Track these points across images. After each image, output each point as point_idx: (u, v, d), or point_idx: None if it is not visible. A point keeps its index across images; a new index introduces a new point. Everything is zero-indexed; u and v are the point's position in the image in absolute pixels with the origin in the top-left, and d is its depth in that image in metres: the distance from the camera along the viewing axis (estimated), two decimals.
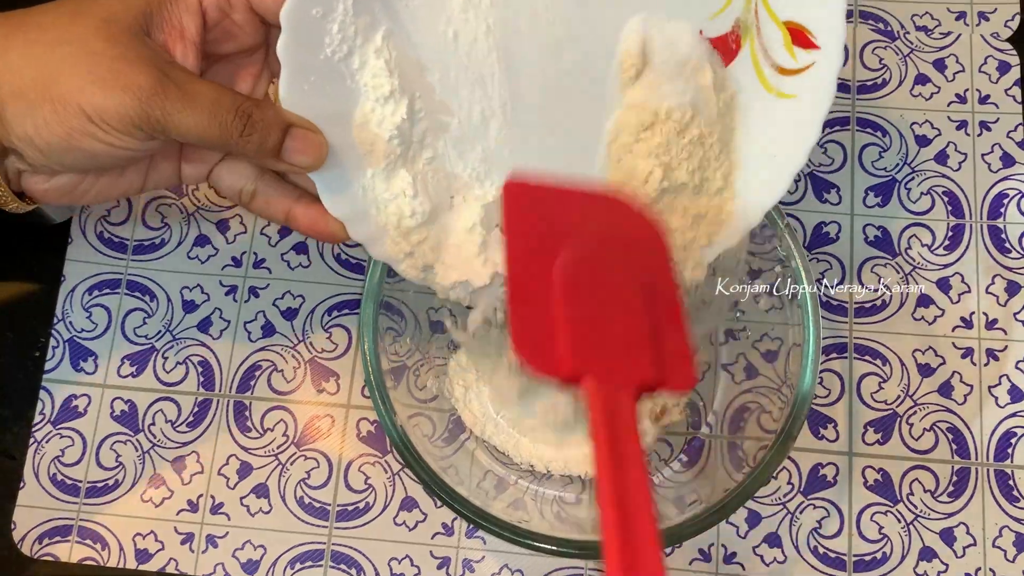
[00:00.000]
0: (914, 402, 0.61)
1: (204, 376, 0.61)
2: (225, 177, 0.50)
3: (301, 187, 0.50)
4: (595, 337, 0.43)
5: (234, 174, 0.50)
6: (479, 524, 0.50)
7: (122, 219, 0.64)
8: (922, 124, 0.66)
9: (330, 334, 0.62)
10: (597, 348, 0.43)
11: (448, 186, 0.50)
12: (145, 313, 0.62)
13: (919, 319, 0.62)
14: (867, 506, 0.59)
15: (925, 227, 0.64)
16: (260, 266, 0.63)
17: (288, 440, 0.60)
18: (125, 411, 0.60)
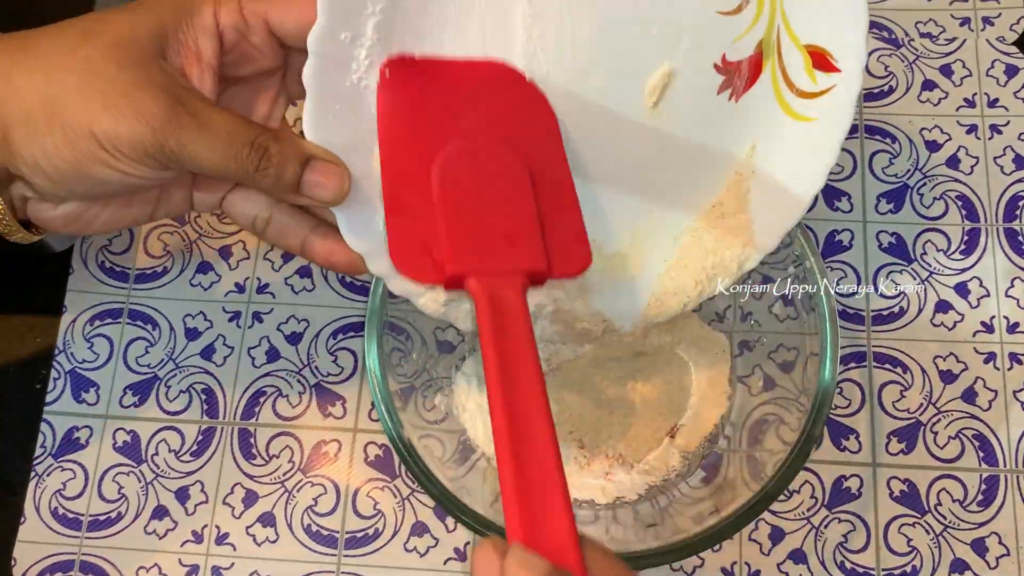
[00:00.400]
0: (937, 410, 0.59)
1: (208, 404, 0.60)
2: (238, 204, 0.48)
3: (318, 216, 0.48)
4: (476, 233, 0.42)
5: (248, 202, 0.48)
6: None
7: (124, 248, 0.63)
8: (931, 129, 0.65)
9: (335, 357, 0.61)
10: (479, 245, 0.41)
11: None
12: (147, 342, 0.61)
13: (939, 325, 0.61)
14: (894, 518, 0.57)
15: (940, 232, 0.63)
16: (264, 291, 0.62)
17: (294, 467, 0.59)
18: (127, 442, 0.59)
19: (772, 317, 0.59)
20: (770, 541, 0.56)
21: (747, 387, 0.59)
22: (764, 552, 0.56)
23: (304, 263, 0.63)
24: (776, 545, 0.56)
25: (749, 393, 0.58)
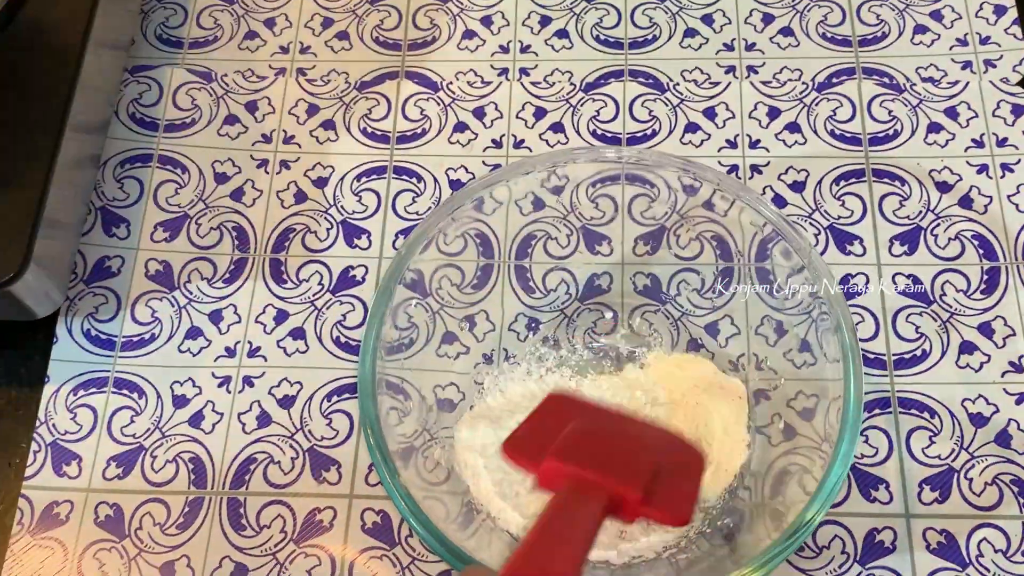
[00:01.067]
0: (971, 455, 0.55)
1: (195, 473, 0.56)
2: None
3: None
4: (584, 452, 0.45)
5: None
6: None
7: (110, 315, 0.61)
8: (941, 171, 0.63)
9: (330, 420, 0.58)
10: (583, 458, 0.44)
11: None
12: (133, 411, 0.58)
13: (964, 367, 0.58)
14: (933, 572, 0.52)
15: (958, 272, 0.60)
16: (255, 355, 0.60)
17: (286, 537, 0.55)
18: (110, 516, 0.56)
19: (788, 364, 0.56)
20: None
21: (767, 437, 0.55)
22: None
23: (297, 324, 0.60)
24: None
25: (769, 443, 0.55)
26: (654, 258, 0.61)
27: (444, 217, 0.56)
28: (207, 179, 0.65)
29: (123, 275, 0.62)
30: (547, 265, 0.61)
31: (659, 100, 0.67)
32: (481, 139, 0.66)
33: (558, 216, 0.61)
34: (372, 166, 0.65)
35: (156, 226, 0.63)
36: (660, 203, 0.60)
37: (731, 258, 0.59)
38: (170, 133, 0.67)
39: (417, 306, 0.57)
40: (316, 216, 0.64)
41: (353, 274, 0.62)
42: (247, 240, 0.63)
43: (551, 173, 0.60)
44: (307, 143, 0.66)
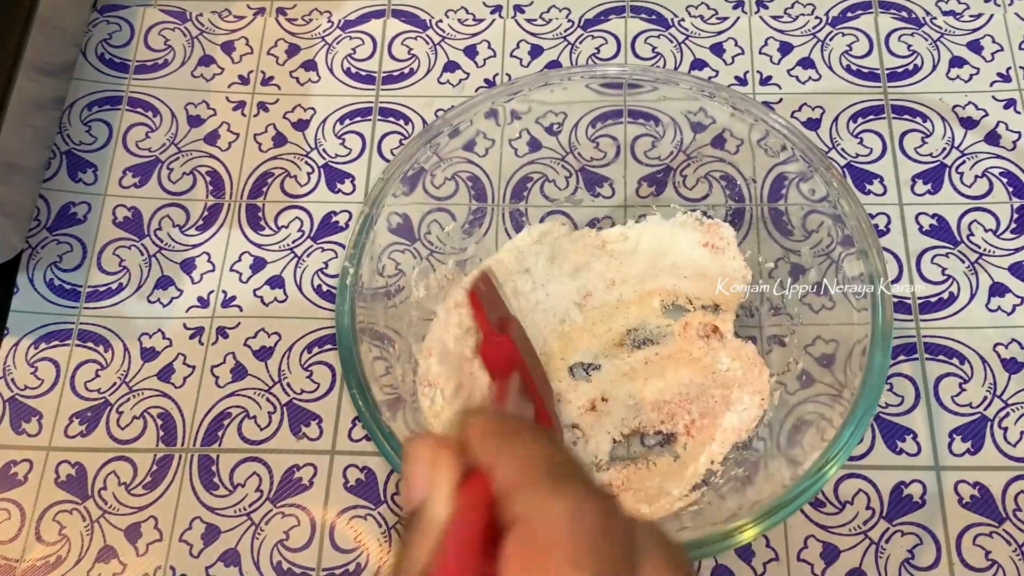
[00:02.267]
0: (1004, 403, 0.51)
1: (164, 430, 0.52)
2: None
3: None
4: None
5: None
6: None
7: (75, 264, 0.57)
8: (965, 106, 0.59)
9: (310, 373, 0.53)
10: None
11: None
12: (98, 365, 0.54)
13: (995, 310, 0.53)
14: (967, 528, 0.48)
15: (986, 211, 0.56)
16: (229, 304, 0.55)
17: (262, 496, 0.50)
18: (72, 475, 0.51)
19: (805, 307, 0.52)
20: (823, 561, 0.48)
21: (783, 386, 0.51)
22: (816, 574, 0.47)
23: (276, 272, 0.56)
24: (830, 565, 0.47)
25: (786, 392, 0.51)
26: (659, 200, 0.56)
27: (422, 146, 0.52)
28: (180, 122, 0.61)
29: (89, 222, 0.58)
30: (544, 208, 0.57)
31: (663, 36, 0.62)
32: (473, 79, 0.62)
33: (556, 157, 0.57)
34: (356, 107, 0.61)
35: (125, 171, 0.59)
36: (665, 142, 0.56)
37: (742, 199, 0.55)
38: (141, 75, 0.62)
39: (405, 252, 0.53)
40: (296, 160, 0.59)
41: (336, 220, 0.58)
42: (222, 185, 0.59)
43: (548, 110, 0.56)
44: (287, 84, 0.62)
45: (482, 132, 0.55)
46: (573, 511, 0.26)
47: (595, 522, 0.26)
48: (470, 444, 0.29)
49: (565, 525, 0.26)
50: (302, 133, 0.60)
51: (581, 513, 0.26)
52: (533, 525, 0.26)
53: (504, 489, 0.27)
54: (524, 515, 0.26)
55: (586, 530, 0.26)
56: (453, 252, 0.55)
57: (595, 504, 0.27)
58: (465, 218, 0.55)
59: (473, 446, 0.29)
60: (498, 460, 0.28)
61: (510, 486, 0.27)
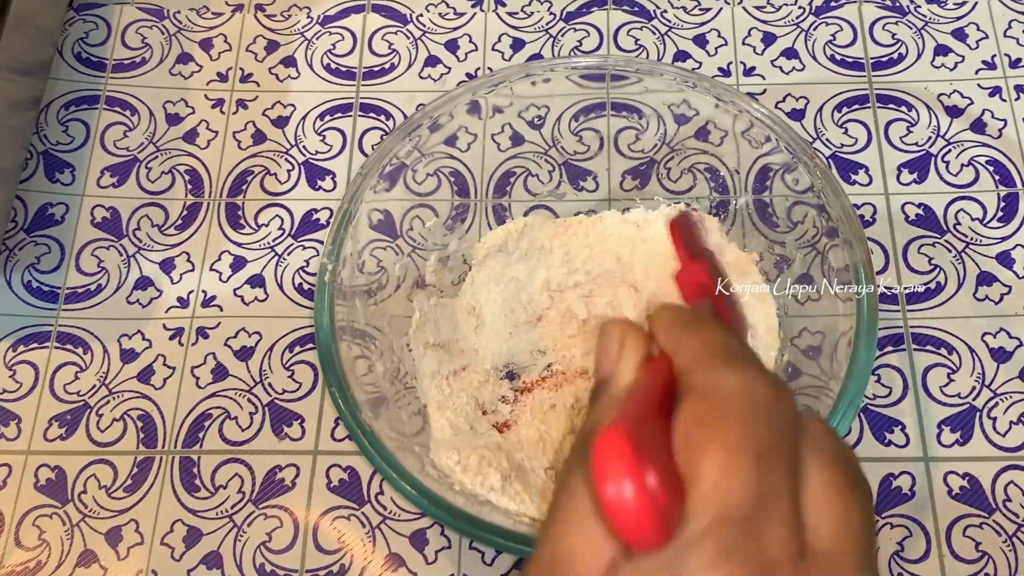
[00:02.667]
0: (993, 392, 0.50)
1: (145, 432, 0.51)
2: None
3: None
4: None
5: None
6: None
7: (53, 266, 0.56)
8: (950, 95, 0.59)
9: (292, 372, 0.53)
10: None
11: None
12: (77, 367, 0.53)
13: (983, 299, 0.53)
14: (957, 519, 0.47)
15: (973, 200, 0.55)
16: (210, 304, 0.55)
17: (244, 497, 0.50)
18: (51, 479, 0.50)
19: (790, 299, 0.51)
20: None
21: None
22: None
23: (256, 271, 0.55)
24: None
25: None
26: (643, 193, 0.56)
27: (401, 140, 0.51)
28: (158, 121, 0.60)
29: (67, 223, 0.57)
30: (528, 203, 0.56)
31: (646, 28, 0.62)
32: (454, 73, 0.61)
33: (539, 151, 0.56)
34: (336, 104, 0.60)
35: (103, 171, 0.59)
36: (649, 134, 0.56)
37: (727, 191, 0.54)
38: (118, 73, 0.62)
39: (387, 249, 0.52)
40: (276, 157, 0.59)
41: (316, 217, 0.57)
42: (201, 184, 0.58)
43: (530, 104, 0.56)
44: (266, 81, 0.61)
45: (464, 127, 0.54)
46: (745, 385, 0.28)
47: (765, 398, 0.28)
48: (657, 329, 0.32)
49: (737, 395, 0.28)
50: (282, 130, 0.59)
51: (752, 388, 0.28)
52: (708, 392, 0.28)
53: (684, 366, 0.30)
54: (701, 385, 0.29)
55: (756, 403, 0.28)
56: (435, 248, 0.54)
57: (767, 384, 0.29)
58: (448, 214, 0.55)
59: (659, 332, 0.32)
60: (680, 342, 0.31)
61: (690, 363, 0.30)
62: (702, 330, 0.32)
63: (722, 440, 0.27)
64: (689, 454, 0.27)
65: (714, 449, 0.27)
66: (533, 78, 0.52)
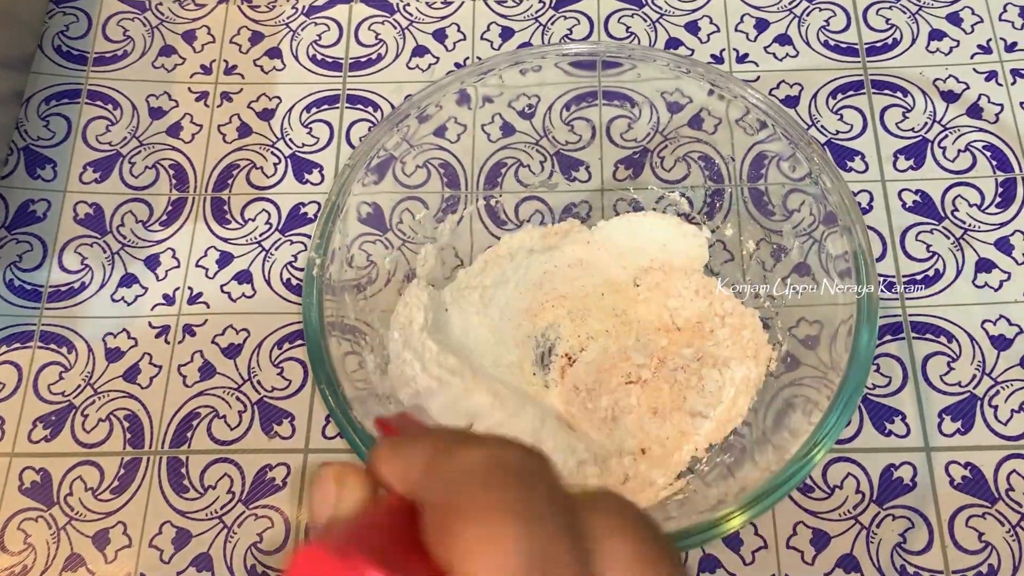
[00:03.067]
0: (994, 380, 0.50)
1: (132, 432, 0.50)
2: None
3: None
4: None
5: None
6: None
7: (35, 264, 0.55)
8: (946, 80, 0.58)
9: (281, 370, 0.52)
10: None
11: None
12: (61, 367, 0.52)
13: (982, 286, 0.52)
14: (959, 510, 0.47)
15: (970, 186, 0.55)
16: (196, 302, 0.54)
17: (234, 497, 0.49)
18: (36, 482, 0.49)
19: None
20: (813, 548, 0.46)
21: (767, 368, 0.50)
22: (807, 561, 0.46)
23: (243, 267, 0.54)
24: (821, 552, 0.46)
25: (770, 375, 0.49)
26: (637, 183, 0.55)
27: (389, 131, 0.50)
28: (141, 115, 0.59)
29: (49, 220, 0.56)
30: (519, 194, 0.55)
31: (637, 16, 0.61)
32: (443, 63, 0.60)
33: (530, 141, 0.55)
34: (323, 95, 0.59)
35: (85, 166, 0.57)
36: (642, 123, 0.55)
37: (721, 179, 0.54)
38: (100, 67, 0.60)
39: (377, 243, 0.51)
40: (262, 151, 0.58)
41: (304, 211, 0.56)
42: (186, 178, 0.57)
43: (520, 93, 0.55)
44: (251, 73, 0.60)
45: (453, 117, 0.53)
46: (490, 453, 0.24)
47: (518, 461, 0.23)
48: (375, 464, 0.27)
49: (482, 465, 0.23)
50: (268, 123, 0.58)
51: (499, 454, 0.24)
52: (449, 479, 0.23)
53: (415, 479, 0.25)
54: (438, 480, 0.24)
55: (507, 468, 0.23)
56: (426, 240, 0.53)
57: (518, 449, 0.24)
58: (438, 206, 0.54)
59: (381, 463, 0.27)
60: (403, 464, 0.26)
61: (423, 471, 0.25)
62: (423, 436, 0.27)
63: (476, 515, 0.22)
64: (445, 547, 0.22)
65: (467, 527, 0.22)
66: (523, 66, 0.51)
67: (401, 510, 0.24)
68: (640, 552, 0.23)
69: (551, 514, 0.22)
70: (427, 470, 0.24)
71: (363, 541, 0.23)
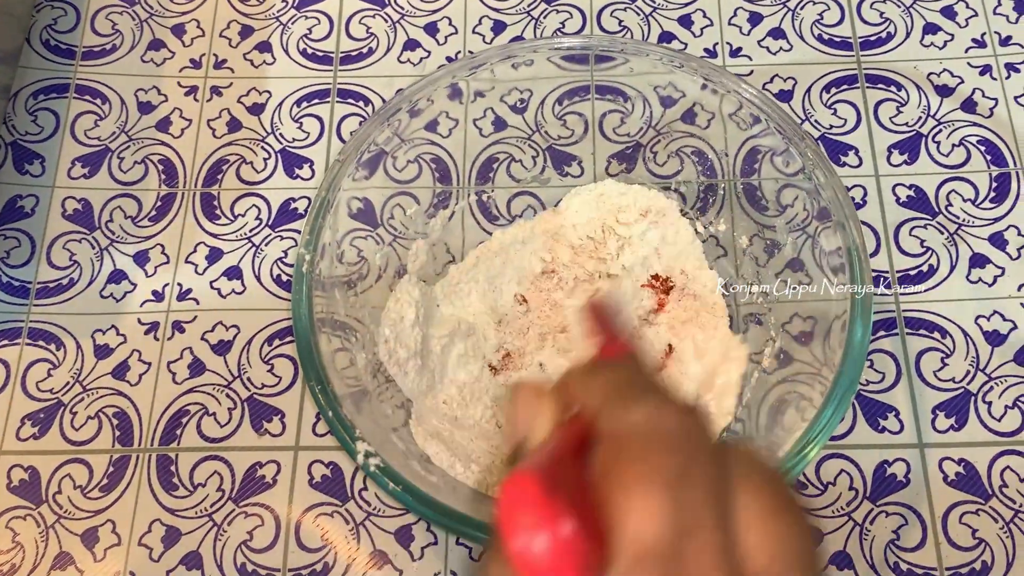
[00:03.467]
0: (988, 376, 0.49)
1: (121, 430, 0.50)
2: None
3: None
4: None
5: None
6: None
7: (23, 260, 0.54)
8: (940, 74, 0.58)
9: (271, 366, 0.51)
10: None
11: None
12: (50, 364, 0.52)
13: (976, 281, 0.52)
14: (952, 506, 0.47)
15: (965, 180, 0.54)
16: (185, 298, 0.53)
17: (224, 495, 0.48)
18: (25, 480, 0.49)
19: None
20: None
21: (759, 366, 0.49)
22: None
23: (233, 263, 0.54)
24: None
25: (763, 372, 0.49)
26: (629, 178, 0.55)
27: (381, 123, 0.50)
28: (130, 109, 0.58)
29: (37, 215, 0.55)
30: (511, 189, 0.55)
31: (630, 9, 0.61)
32: (435, 57, 0.60)
33: (522, 136, 0.55)
34: (313, 90, 0.59)
35: (74, 161, 0.57)
36: (634, 118, 0.54)
37: (714, 174, 0.53)
38: (88, 61, 0.60)
39: (368, 238, 0.51)
40: (252, 145, 0.57)
41: (294, 207, 0.55)
42: (175, 174, 0.56)
43: (513, 88, 0.54)
44: (241, 67, 0.59)
45: (445, 112, 0.53)
46: (646, 418, 0.27)
47: (670, 426, 0.27)
48: (566, 387, 0.30)
49: (639, 429, 0.27)
50: (258, 117, 0.58)
51: (654, 419, 0.27)
52: (614, 433, 0.27)
53: (593, 415, 0.28)
54: (607, 428, 0.27)
55: (659, 434, 0.26)
56: (416, 236, 0.53)
57: (671, 412, 0.27)
58: (429, 201, 0.53)
59: (568, 387, 0.30)
60: (588, 391, 0.29)
61: (598, 408, 0.28)
62: (604, 372, 0.30)
63: (631, 477, 0.25)
64: (604, 497, 0.26)
65: (624, 487, 0.25)
66: (515, 60, 0.51)
67: (581, 439, 0.28)
68: (771, 505, 0.26)
69: (700, 475, 0.26)
70: (606, 410, 0.28)
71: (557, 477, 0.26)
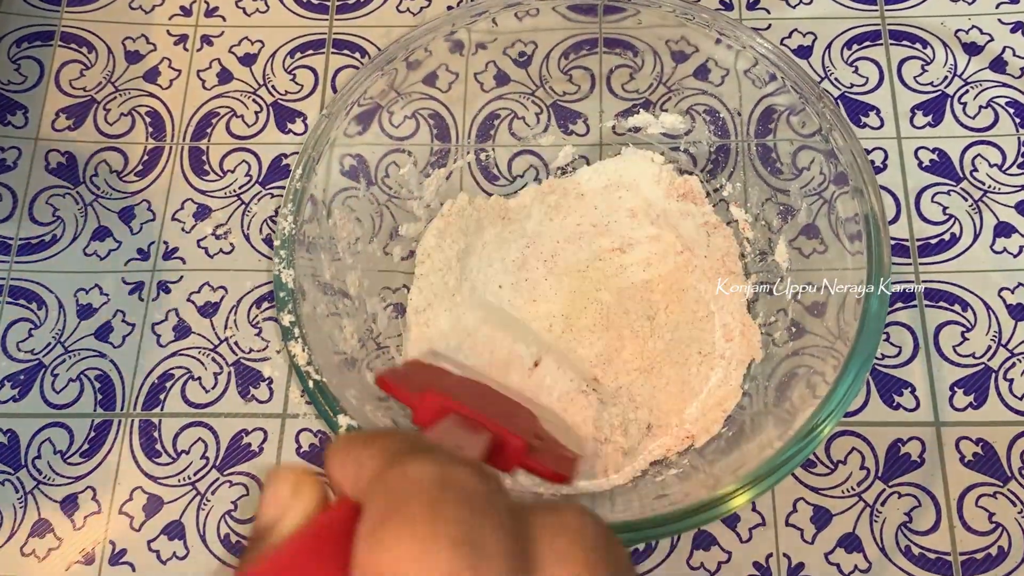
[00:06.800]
0: (1010, 352, 0.47)
1: (103, 393, 0.48)
2: None
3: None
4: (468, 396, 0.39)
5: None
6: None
7: (5, 215, 0.52)
8: (969, 31, 0.55)
9: (259, 330, 0.49)
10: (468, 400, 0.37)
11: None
12: (31, 324, 0.50)
13: (1000, 252, 0.49)
14: (969, 488, 0.44)
15: (991, 144, 0.52)
16: (171, 256, 0.51)
17: (208, 463, 0.47)
18: (3, 444, 0.47)
19: (795, 252, 0.48)
20: (814, 526, 0.44)
21: (770, 337, 0.47)
22: (807, 540, 0.44)
23: (221, 221, 0.52)
24: (822, 530, 0.44)
25: (773, 344, 0.47)
26: (637, 137, 0.52)
27: (373, 73, 0.47)
28: (117, 58, 0.56)
29: (19, 169, 0.53)
30: (513, 148, 0.52)
31: None
32: (435, 6, 0.57)
33: (525, 92, 0.52)
34: (308, 40, 0.56)
35: (58, 112, 0.55)
36: (644, 73, 0.52)
37: (727, 134, 0.50)
38: (74, 7, 0.57)
39: (360, 197, 0.49)
40: (243, 98, 0.55)
41: (286, 163, 0.53)
42: (163, 127, 0.54)
43: (516, 40, 0.51)
44: (232, 15, 0.57)
45: (444, 64, 0.50)
46: (432, 469, 0.22)
47: (461, 479, 0.22)
48: (331, 462, 0.25)
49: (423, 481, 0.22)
50: (249, 69, 0.55)
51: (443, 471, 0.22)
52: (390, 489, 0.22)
53: (362, 488, 0.23)
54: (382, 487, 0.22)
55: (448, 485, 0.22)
56: (411, 196, 0.50)
57: (463, 467, 0.23)
58: (426, 160, 0.51)
59: (333, 464, 0.25)
60: (359, 463, 0.24)
61: (367, 480, 0.23)
62: (378, 439, 0.25)
63: (409, 532, 0.21)
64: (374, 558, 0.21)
65: (404, 542, 0.21)
66: (518, 9, 0.48)
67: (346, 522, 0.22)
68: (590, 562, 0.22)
69: (495, 542, 0.21)
70: (376, 477, 0.23)
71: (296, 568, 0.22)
